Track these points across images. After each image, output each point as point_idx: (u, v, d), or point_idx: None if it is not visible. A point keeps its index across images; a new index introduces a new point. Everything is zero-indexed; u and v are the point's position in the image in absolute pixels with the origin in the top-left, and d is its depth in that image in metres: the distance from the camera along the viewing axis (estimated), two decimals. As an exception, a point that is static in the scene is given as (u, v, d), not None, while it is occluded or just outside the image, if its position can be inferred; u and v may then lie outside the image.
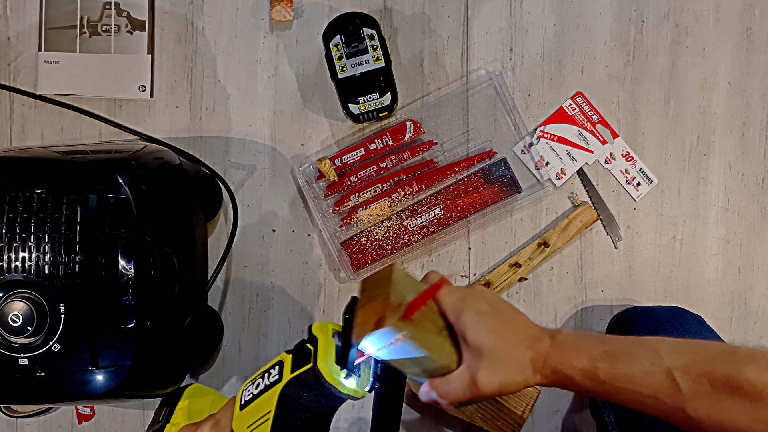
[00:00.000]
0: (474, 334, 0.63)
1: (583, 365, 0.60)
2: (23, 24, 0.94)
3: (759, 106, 0.95)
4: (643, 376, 0.58)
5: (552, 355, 0.62)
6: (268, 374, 0.65)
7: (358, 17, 0.87)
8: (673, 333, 0.78)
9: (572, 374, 0.61)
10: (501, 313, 0.65)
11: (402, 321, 0.60)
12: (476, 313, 0.64)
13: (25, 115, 0.94)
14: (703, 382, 0.56)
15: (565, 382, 0.62)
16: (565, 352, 0.62)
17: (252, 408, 0.64)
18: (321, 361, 0.63)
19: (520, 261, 0.92)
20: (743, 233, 0.94)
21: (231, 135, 0.94)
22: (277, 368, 0.65)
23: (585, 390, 0.61)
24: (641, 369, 0.59)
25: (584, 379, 0.60)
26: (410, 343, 0.61)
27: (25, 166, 0.73)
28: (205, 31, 0.94)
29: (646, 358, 0.59)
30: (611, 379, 0.59)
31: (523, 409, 0.87)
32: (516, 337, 0.63)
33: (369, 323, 0.61)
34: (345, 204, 0.92)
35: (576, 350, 0.62)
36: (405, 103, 0.94)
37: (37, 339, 0.69)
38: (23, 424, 0.93)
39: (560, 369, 0.61)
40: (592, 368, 0.60)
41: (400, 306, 0.61)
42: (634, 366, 0.59)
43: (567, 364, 0.61)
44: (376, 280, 0.65)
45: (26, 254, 0.69)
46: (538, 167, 0.93)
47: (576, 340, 0.63)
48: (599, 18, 0.95)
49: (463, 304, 0.64)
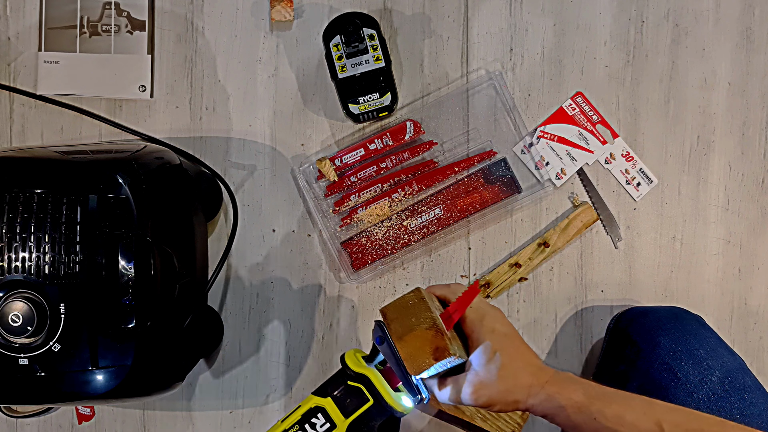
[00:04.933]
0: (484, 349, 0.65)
1: (578, 398, 0.63)
2: (23, 24, 0.94)
3: (759, 106, 0.95)
4: (633, 421, 0.61)
5: (551, 384, 0.64)
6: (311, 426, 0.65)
7: (358, 17, 0.87)
8: (674, 333, 0.78)
9: (565, 404, 0.63)
10: (513, 339, 0.68)
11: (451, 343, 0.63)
12: (492, 332, 0.66)
13: (25, 115, 0.94)
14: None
15: (555, 411, 0.64)
16: (564, 383, 0.64)
17: None
18: (386, 395, 0.66)
19: (520, 261, 0.92)
20: (743, 233, 0.94)
21: (231, 135, 0.94)
22: (322, 416, 0.65)
23: (573, 424, 0.63)
24: (633, 414, 0.61)
25: (575, 411, 0.62)
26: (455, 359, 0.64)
27: (25, 166, 0.73)
28: (205, 31, 0.94)
29: (640, 407, 0.62)
30: (602, 416, 0.61)
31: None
32: (521, 362, 0.66)
33: (426, 353, 0.62)
34: (345, 204, 0.92)
35: (574, 385, 0.64)
36: (405, 103, 0.94)
37: (37, 339, 0.69)
38: (23, 424, 0.93)
39: (554, 397, 0.63)
40: (586, 402, 0.62)
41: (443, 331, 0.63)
42: (627, 410, 0.62)
43: (562, 394, 0.63)
44: (404, 305, 0.66)
45: (26, 254, 0.69)
46: (538, 167, 0.93)
47: (576, 379, 0.66)
48: (599, 18, 0.95)
49: (483, 321, 0.67)
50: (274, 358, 0.93)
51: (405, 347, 0.63)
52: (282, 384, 0.93)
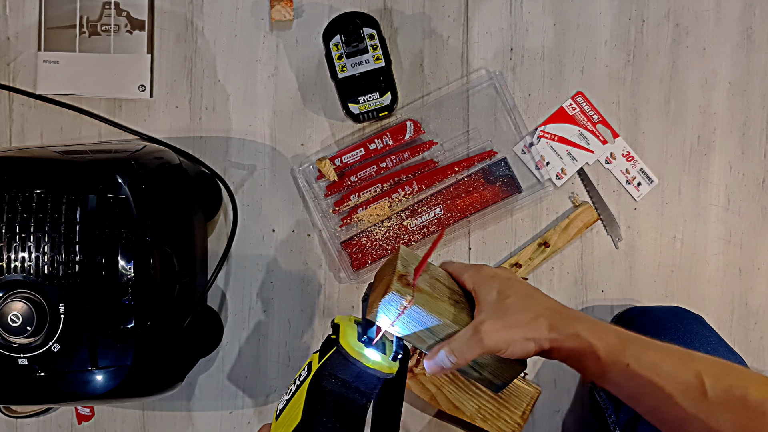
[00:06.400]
0: (486, 291, 0.60)
1: (610, 339, 0.55)
2: (23, 24, 0.94)
3: (759, 106, 0.95)
4: (670, 371, 0.53)
5: (578, 321, 0.57)
6: (299, 377, 0.64)
7: (358, 17, 0.87)
8: (675, 333, 0.78)
9: (596, 344, 0.55)
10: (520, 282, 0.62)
11: (406, 286, 0.61)
12: (493, 276, 0.61)
13: (25, 115, 0.94)
14: (735, 396, 0.51)
15: (583, 352, 0.56)
16: (594, 323, 0.57)
17: (286, 412, 0.62)
18: (343, 338, 0.61)
19: (520, 261, 0.92)
20: (744, 233, 0.94)
21: (231, 135, 0.94)
22: (307, 368, 0.64)
23: (601, 369, 0.55)
24: (670, 363, 0.54)
25: (608, 353, 0.55)
26: (418, 310, 0.61)
27: (25, 166, 0.73)
28: (205, 31, 0.94)
29: (678, 356, 0.55)
30: (636, 363, 0.54)
31: (523, 409, 0.87)
32: (535, 297, 0.59)
33: (379, 295, 0.62)
34: (345, 204, 0.92)
35: (606, 327, 0.57)
36: (405, 103, 0.94)
37: (37, 339, 0.69)
38: (23, 424, 0.93)
39: (584, 335, 0.55)
40: (619, 346, 0.55)
41: (406, 276, 0.63)
42: (664, 358, 0.54)
43: (594, 332, 0.55)
44: (386, 264, 0.68)
45: (26, 254, 0.69)
46: (538, 167, 0.92)
47: (606, 323, 0.58)
48: (599, 18, 0.95)
49: (481, 269, 0.63)
50: (274, 358, 0.93)
51: (372, 297, 0.64)
52: (282, 384, 0.93)
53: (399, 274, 0.63)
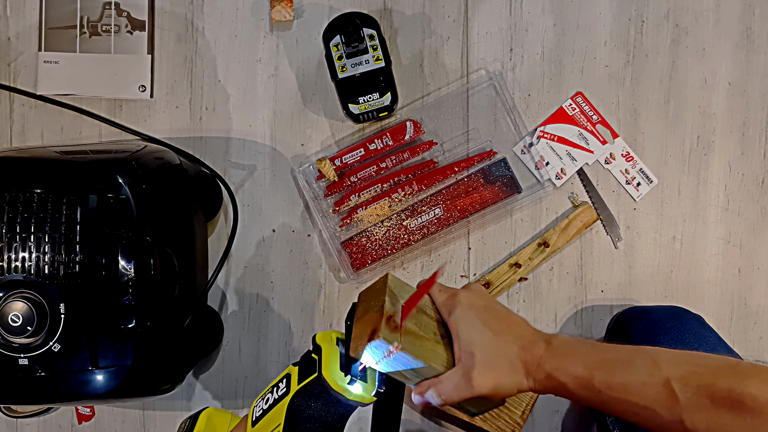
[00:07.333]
0: (466, 329, 0.62)
1: (579, 372, 0.59)
2: (23, 24, 0.94)
3: (759, 106, 0.95)
4: (640, 386, 0.56)
5: (546, 360, 0.60)
6: (276, 388, 0.65)
7: (358, 17, 0.87)
8: (674, 333, 0.78)
9: (566, 381, 0.59)
10: (495, 311, 0.64)
11: (394, 331, 0.60)
12: (469, 308, 0.62)
13: (25, 115, 0.94)
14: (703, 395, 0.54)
15: (558, 390, 0.60)
16: (561, 357, 0.60)
17: (262, 423, 0.64)
18: (325, 369, 0.62)
19: (520, 261, 0.92)
20: (743, 233, 0.94)
21: (231, 135, 0.94)
22: (285, 381, 0.64)
23: (579, 398, 0.60)
24: (639, 379, 0.57)
25: (579, 387, 0.59)
26: (405, 355, 0.60)
27: (25, 166, 0.73)
28: (205, 31, 0.94)
29: (644, 368, 0.57)
30: (607, 388, 0.58)
31: (523, 410, 0.87)
32: (509, 335, 0.62)
33: (364, 336, 0.60)
34: (345, 204, 0.92)
35: (572, 356, 0.60)
36: (405, 103, 0.94)
37: (37, 339, 0.69)
38: (23, 424, 0.93)
39: (554, 375, 0.60)
40: (587, 376, 0.58)
41: (394, 316, 0.61)
42: (631, 375, 0.57)
43: (561, 370, 0.59)
44: (372, 291, 0.65)
45: (26, 254, 0.69)
46: (538, 167, 0.93)
47: (572, 347, 0.61)
48: (599, 18, 0.95)
49: (456, 300, 0.64)
50: (274, 358, 0.93)
51: (356, 329, 0.62)
52: (282, 384, 0.93)
53: (387, 315, 0.60)
